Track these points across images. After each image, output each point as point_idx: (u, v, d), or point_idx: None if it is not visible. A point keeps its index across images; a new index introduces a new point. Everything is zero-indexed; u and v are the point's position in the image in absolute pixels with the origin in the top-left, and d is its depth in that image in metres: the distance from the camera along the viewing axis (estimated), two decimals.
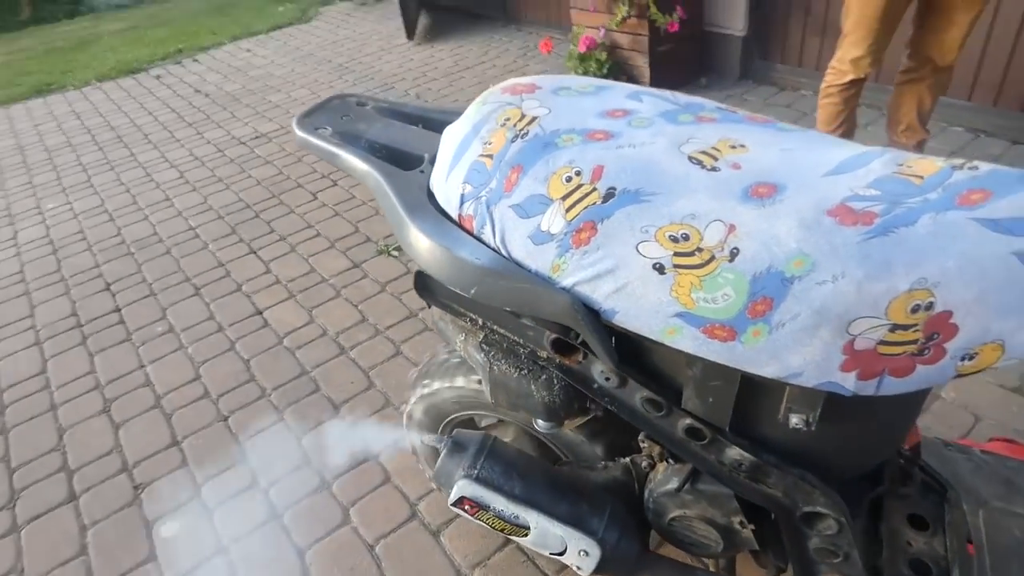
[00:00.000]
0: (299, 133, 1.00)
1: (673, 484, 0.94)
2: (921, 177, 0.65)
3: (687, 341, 0.68)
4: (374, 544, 1.50)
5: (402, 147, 0.97)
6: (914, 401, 0.82)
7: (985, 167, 0.64)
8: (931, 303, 0.59)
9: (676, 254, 0.66)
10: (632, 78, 3.39)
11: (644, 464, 1.03)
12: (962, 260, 0.58)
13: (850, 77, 2.11)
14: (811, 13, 3.03)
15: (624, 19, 3.16)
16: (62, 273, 2.69)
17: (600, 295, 0.71)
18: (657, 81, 3.33)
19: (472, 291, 0.77)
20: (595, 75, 3.35)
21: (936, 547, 0.87)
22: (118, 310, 2.41)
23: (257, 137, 3.68)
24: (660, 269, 0.67)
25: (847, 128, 2.26)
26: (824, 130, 2.29)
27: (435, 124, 1.02)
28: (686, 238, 0.66)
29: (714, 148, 0.73)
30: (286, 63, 4.83)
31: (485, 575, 1.40)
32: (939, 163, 0.67)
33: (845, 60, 2.10)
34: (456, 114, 0.92)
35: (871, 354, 0.62)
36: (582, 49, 3.31)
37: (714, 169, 0.70)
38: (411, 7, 4.86)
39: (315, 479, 1.66)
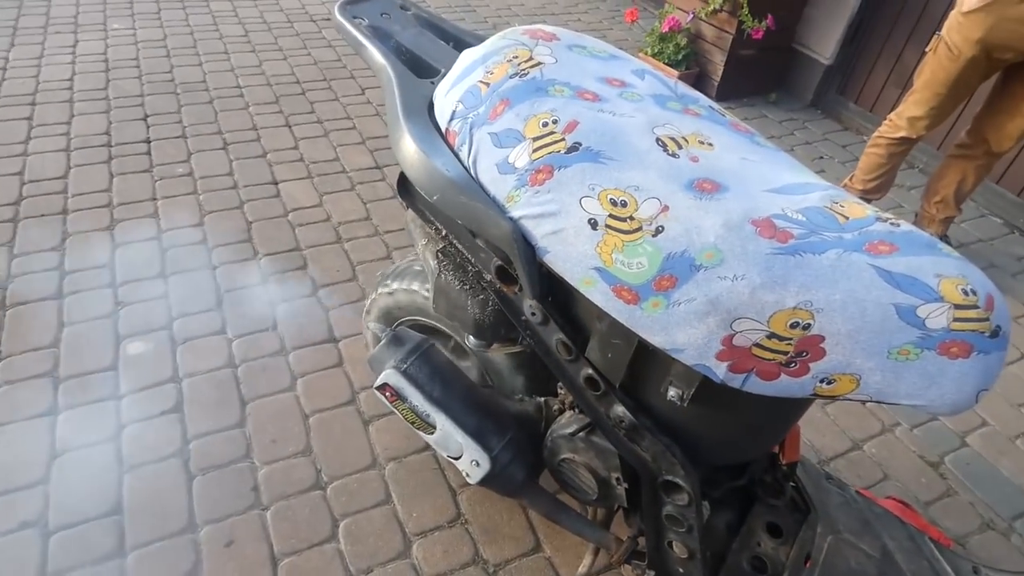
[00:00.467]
0: (337, 16, 1.05)
1: (571, 429, 1.03)
2: (847, 217, 0.70)
3: (598, 295, 0.76)
4: (309, 415, 1.62)
5: (425, 56, 1.03)
6: (782, 413, 0.89)
7: (905, 227, 0.70)
8: (809, 324, 0.66)
9: (611, 216, 0.73)
10: (704, 73, 3.35)
11: (556, 408, 1.12)
12: (848, 297, 0.65)
13: (902, 134, 2.09)
14: (901, 62, 2.96)
15: (716, 11, 3.10)
16: (107, 93, 2.78)
17: (539, 233, 0.79)
18: (727, 82, 3.29)
19: (435, 197, 0.84)
20: (670, 59, 3.31)
21: (780, 554, 0.96)
22: (148, 141, 2.51)
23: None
24: (593, 225, 0.74)
25: (884, 182, 2.26)
26: (861, 178, 2.28)
27: (462, 45, 1.06)
28: (624, 204, 0.73)
29: (683, 138, 0.79)
30: None
31: (398, 470, 1.52)
32: (868, 211, 0.72)
33: (903, 116, 2.08)
34: (485, 40, 0.98)
35: (745, 352, 0.70)
36: (664, 29, 3.26)
37: (674, 155, 0.76)
38: None
39: (277, 343, 1.78)
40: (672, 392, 0.82)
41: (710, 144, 0.79)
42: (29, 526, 1.35)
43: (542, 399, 1.16)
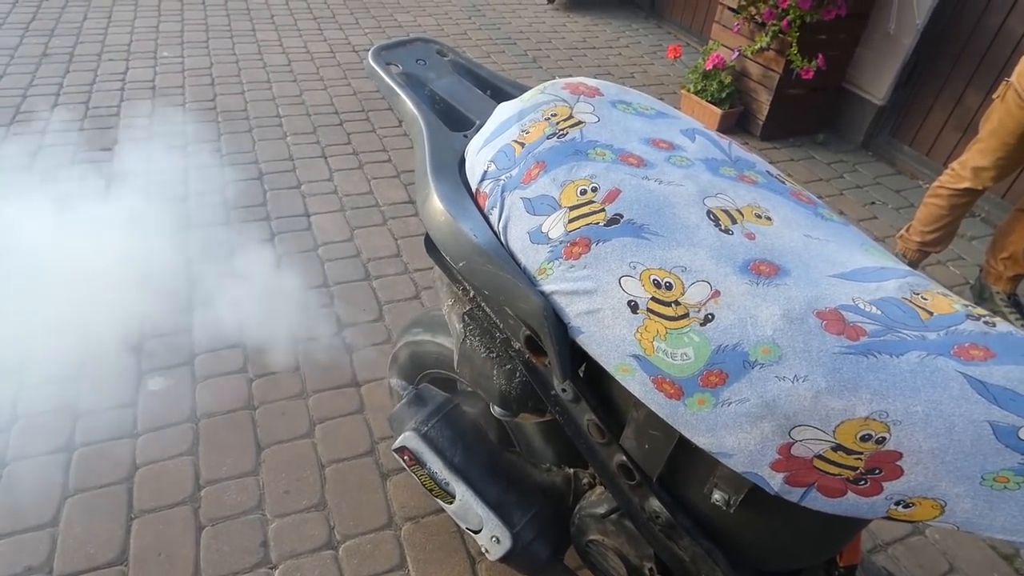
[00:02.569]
0: (370, 62, 1.00)
1: (602, 509, 0.94)
2: (931, 313, 0.60)
3: (636, 384, 0.67)
4: (326, 464, 1.55)
5: (460, 106, 0.97)
6: (847, 523, 0.78)
7: (1002, 326, 0.59)
8: (884, 438, 0.56)
9: (654, 299, 0.65)
10: (749, 110, 3.25)
11: (585, 481, 1.04)
12: (932, 409, 0.55)
13: (966, 185, 1.95)
14: (961, 106, 2.81)
15: (762, 49, 3.00)
16: (152, 120, 2.83)
17: (573, 311, 0.71)
18: (773, 122, 3.18)
19: (460, 264, 0.77)
20: (713, 96, 3.22)
21: None
22: (185, 169, 2.52)
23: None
24: (634, 307, 0.66)
25: (944, 235, 2.11)
26: (919, 229, 2.14)
27: (501, 95, 1.00)
28: (669, 287, 0.65)
29: (738, 211, 0.70)
30: None
31: (415, 531, 1.43)
32: (956, 306, 0.62)
33: (967, 166, 1.95)
34: (524, 91, 0.91)
35: (805, 464, 0.60)
36: (708, 66, 3.18)
37: (727, 231, 0.67)
38: None
39: (298, 386, 1.72)
40: (717, 496, 0.72)
41: (768, 218, 0.70)
42: (34, 572, 1.31)
43: (571, 470, 1.08)
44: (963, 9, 2.73)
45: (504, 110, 0.86)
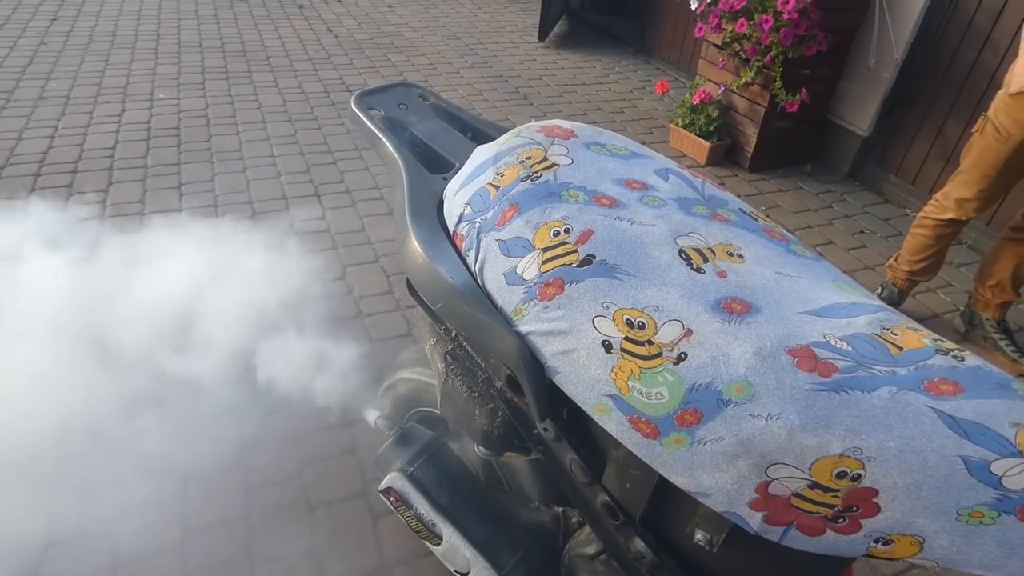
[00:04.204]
0: (353, 107, 1.03)
1: (591, 549, 0.93)
2: (900, 348, 0.61)
3: (612, 424, 0.67)
4: (315, 507, 1.53)
5: (440, 149, 0.98)
6: (832, 560, 0.77)
7: (972, 360, 0.60)
8: (859, 475, 0.56)
9: (627, 339, 0.65)
10: (737, 143, 3.30)
11: (574, 520, 1.03)
12: (905, 445, 0.55)
13: (950, 216, 1.98)
14: (943, 136, 2.86)
15: (747, 84, 3.07)
16: (147, 161, 2.86)
17: (548, 351, 0.71)
18: (761, 154, 3.23)
19: (438, 305, 0.78)
20: (701, 130, 3.28)
21: None
22: (179, 211, 2.54)
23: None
24: (607, 347, 0.66)
25: (932, 264, 2.13)
26: (907, 258, 2.16)
27: (480, 137, 1.02)
28: (642, 327, 0.65)
29: (710, 249, 0.71)
30: (419, 28, 4.96)
31: (406, 574, 1.40)
32: (926, 340, 0.62)
33: (951, 197, 1.98)
34: (503, 134, 0.93)
35: (783, 502, 0.60)
36: (695, 101, 3.25)
37: (698, 270, 0.68)
38: (553, 11, 4.90)
39: (287, 426, 1.70)
40: (700, 535, 0.71)
41: (740, 256, 0.71)
42: None
43: (560, 509, 1.06)
44: (939, 43, 2.80)
45: (480, 153, 0.87)
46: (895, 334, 0.63)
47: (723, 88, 3.23)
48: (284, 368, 1.84)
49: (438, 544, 1.01)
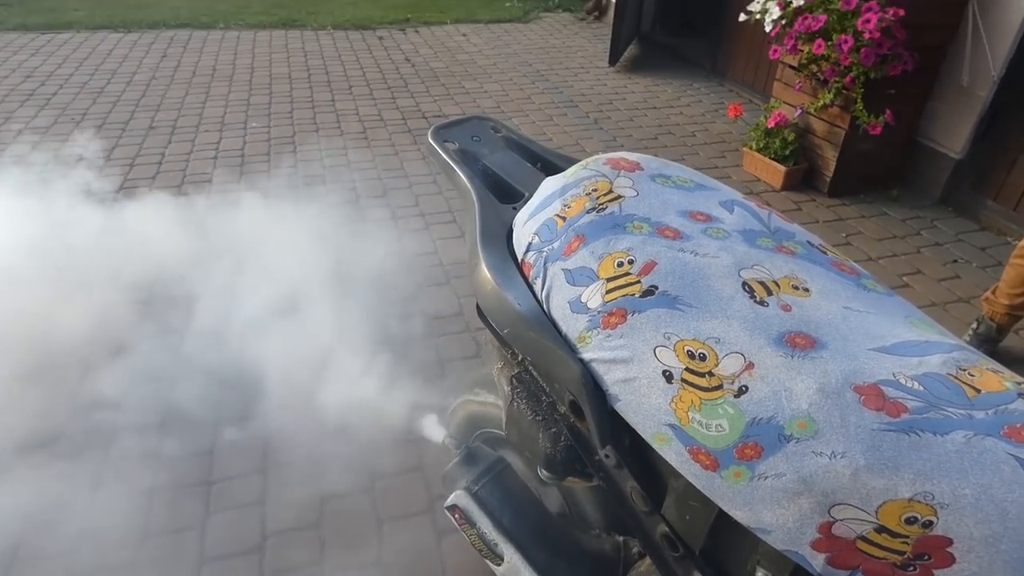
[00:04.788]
0: (430, 141, 1.08)
1: None
2: (978, 390, 0.59)
3: (672, 454, 0.68)
4: (383, 521, 1.58)
5: (510, 180, 1.03)
6: None
7: None
8: (930, 521, 0.54)
9: (688, 369, 0.66)
10: (815, 167, 3.20)
11: (635, 550, 1.02)
12: (982, 493, 0.53)
13: None
14: None
15: (826, 106, 2.98)
16: (240, 185, 3.07)
17: (610, 379, 0.73)
18: (841, 178, 3.11)
19: (505, 330, 0.81)
20: (776, 154, 3.20)
21: None
22: (265, 229, 2.71)
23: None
24: (668, 377, 0.67)
25: None
26: (1006, 291, 2.02)
27: (550, 168, 1.06)
28: (703, 358, 0.66)
29: (774, 282, 0.71)
30: (491, 55, 5.11)
31: None
32: (1008, 383, 0.59)
33: None
34: (572, 164, 0.96)
35: (848, 545, 0.58)
36: (770, 124, 3.18)
37: (762, 303, 0.68)
38: (623, 35, 4.94)
39: (359, 438, 1.77)
40: (761, 574, 0.70)
41: (806, 289, 0.71)
42: None
43: (621, 539, 1.06)
44: None
45: (548, 185, 0.91)
46: (972, 375, 0.61)
47: (800, 110, 3.15)
48: (357, 384, 1.92)
49: (499, 564, 1.02)
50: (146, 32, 5.30)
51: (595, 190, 0.84)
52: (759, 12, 3.10)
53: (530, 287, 0.83)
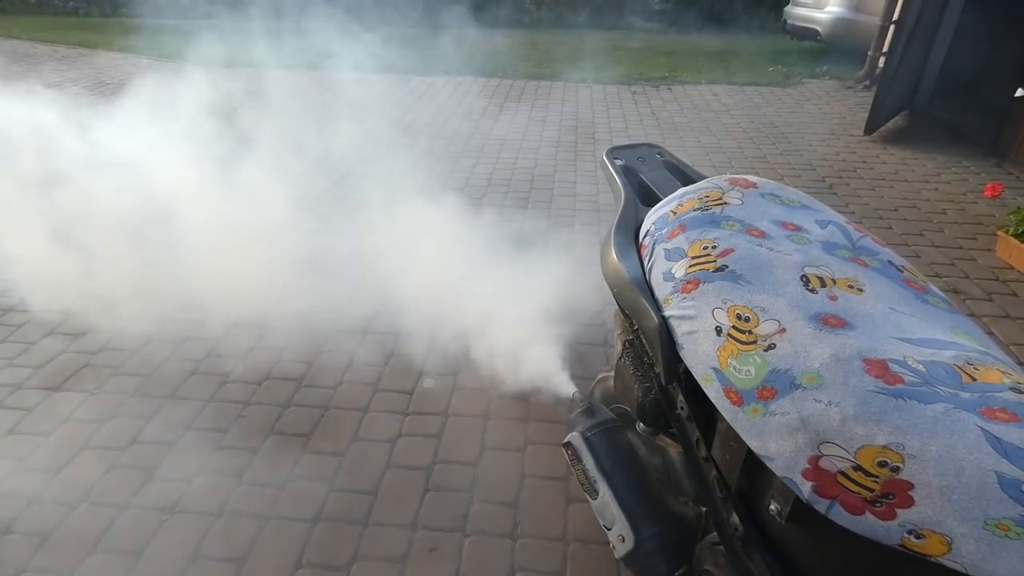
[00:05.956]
0: (603, 157, 1.39)
1: (716, 540, 1.07)
2: (974, 379, 0.68)
3: (712, 391, 0.87)
4: (525, 477, 1.87)
5: (658, 191, 1.28)
6: (886, 565, 0.80)
7: None
8: (898, 467, 0.67)
9: (734, 327, 0.85)
10: None
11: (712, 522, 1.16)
12: (946, 452, 0.64)
13: None
14: None
15: None
16: (484, 201, 3.68)
17: (680, 331, 0.94)
18: None
19: (615, 289, 1.06)
20: None
21: None
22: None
23: None
24: (719, 332, 0.87)
25: None
26: None
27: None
28: (747, 320, 0.84)
29: (832, 279, 0.86)
30: (737, 115, 5.22)
31: (579, 550, 1.64)
32: (1005, 379, 0.68)
33: None
34: None
35: (830, 477, 0.72)
36: None
37: (812, 291, 0.84)
38: (887, 105, 4.68)
39: (524, 411, 2.09)
40: (773, 506, 0.84)
41: (860, 289, 0.84)
42: None
43: (704, 509, 1.21)
44: None
45: (678, 192, 1.14)
46: (976, 369, 0.70)
47: None
48: (530, 363, 2.26)
49: (595, 498, 1.25)
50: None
51: (707, 196, 1.06)
52: None
53: (641, 263, 1.08)
